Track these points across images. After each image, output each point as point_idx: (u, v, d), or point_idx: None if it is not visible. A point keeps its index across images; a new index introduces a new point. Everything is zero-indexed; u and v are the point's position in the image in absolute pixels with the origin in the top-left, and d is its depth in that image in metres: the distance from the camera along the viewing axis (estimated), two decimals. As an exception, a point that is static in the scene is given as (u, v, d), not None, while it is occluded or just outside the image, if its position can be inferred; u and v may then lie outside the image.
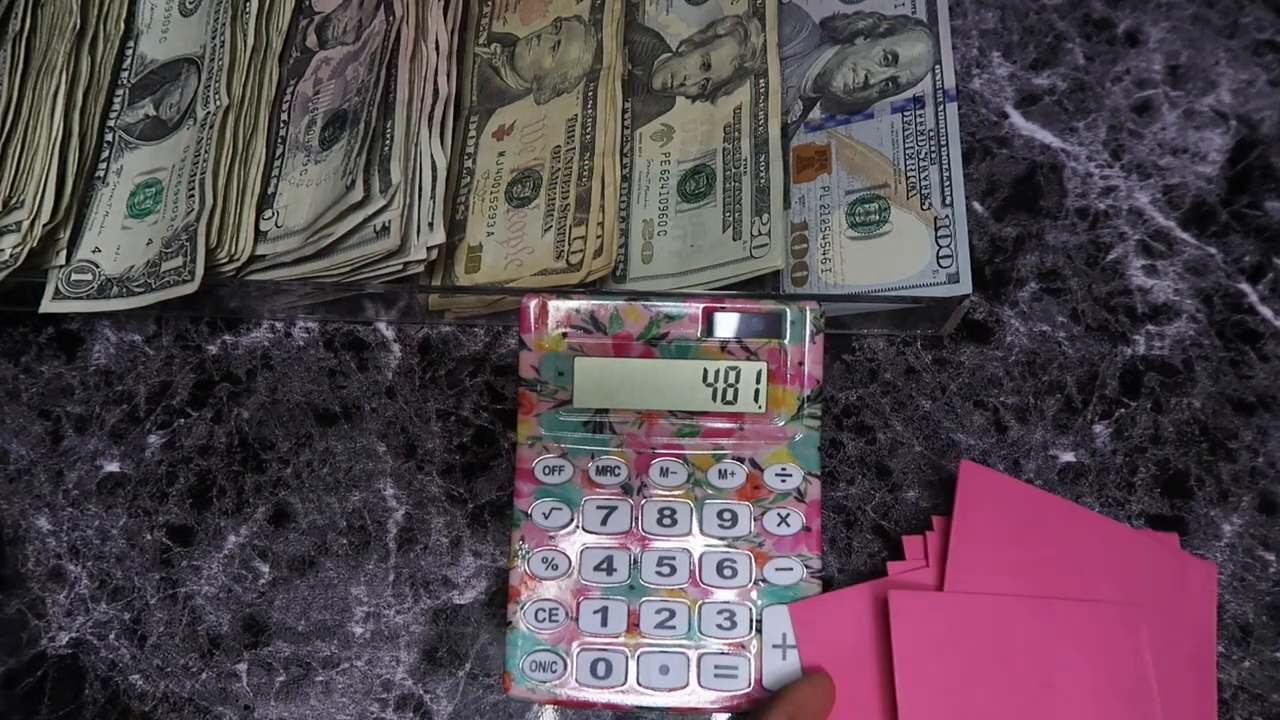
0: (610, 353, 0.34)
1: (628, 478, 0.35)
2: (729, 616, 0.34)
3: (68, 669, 0.41)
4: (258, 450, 0.43)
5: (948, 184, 0.41)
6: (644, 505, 0.35)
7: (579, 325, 0.34)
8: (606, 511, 0.35)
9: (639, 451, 0.35)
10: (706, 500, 0.35)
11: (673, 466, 0.35)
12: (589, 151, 0.43)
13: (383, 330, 0.45)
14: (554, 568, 0.35)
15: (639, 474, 0.35)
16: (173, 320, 0.46)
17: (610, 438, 0.35)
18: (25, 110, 0.45)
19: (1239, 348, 0.42)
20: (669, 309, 0.34)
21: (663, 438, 0.35)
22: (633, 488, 0.35)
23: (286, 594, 0.41)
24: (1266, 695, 0.37)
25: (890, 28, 0.45)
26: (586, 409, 0.35)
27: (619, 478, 0.35)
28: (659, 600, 0.34)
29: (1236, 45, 0.47)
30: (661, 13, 0.47)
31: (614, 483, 0.35)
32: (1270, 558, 0.39)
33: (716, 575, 0.35)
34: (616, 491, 0.35)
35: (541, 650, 0.34)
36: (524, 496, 0.35)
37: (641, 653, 0.34)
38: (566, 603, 0.35)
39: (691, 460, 0.35)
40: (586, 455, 0.35)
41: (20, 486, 0.44)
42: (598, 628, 0.34)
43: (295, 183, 0.44)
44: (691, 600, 0.34)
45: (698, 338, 0.34)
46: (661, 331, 0.34)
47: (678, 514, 0.35)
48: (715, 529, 0.35)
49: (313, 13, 0.48)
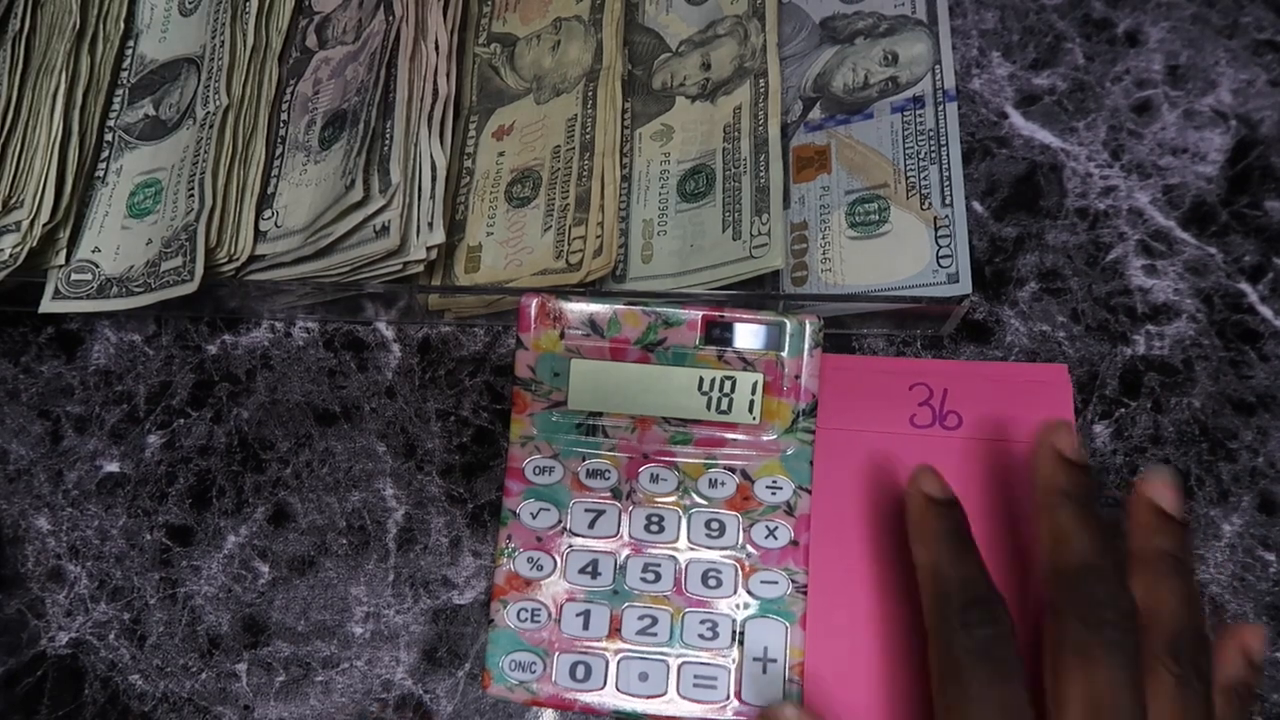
0: (607, 356, 0.34)
1: (617, 482, 0.35)
2: (711, 627, 0.34)
3: (67, 669, 0.41)
4: (257, 450, 0.43)
5: (948, 184, 0.41)
6: (632, 511, 0.35)
7: (577, 327, 0.34)
8: (594, 515, 0.35)
9: (630, 456, 0.35)
10: (695, 509, 0.35)
11: (663, 474, 0.35)
12: (589, 151, 0.43)
13: (382, 330, 0.45)
14: (539, 568, 0.35)
15: (629, 479, 0.35)
16: (172, 320, 0.46)
17: (602, 441, 0.35)
18: (25, 110, 0.45)
19: (1239, 348, 0.42)
20: (668, 314, 0.34)
21: (655, 444, 0.35)
22: (622, 492, 0.35)
23: (286, 594, 0.41)
24: (1266, 695, 0.37)
25: (890, 28, 0.45)
26: (580, 411, 0.35)
27: (609, 482, 0.35)
28: (642, 606, 0.34)
29: (1236, 45, 0.47)
30: (661, 13, 0.47)
31: (604, 486, 0.35)
32: (1270, 558, 0.39)
33: (701, 585, 0.34)
34: (606, 495, 0.35)
35: (522, 650, 0.34)
36: (513, 495, 0.35)
37: (622, 658, 0.34)
38: (549, 604, 0.34)
39: (682, 468, 0.35)
40: (578, 457, 0.35)
41: (20, 486, 0.44)
42: (579, 631, 0.34)
43: (295, 183, 0.44)
44: (675, 608, 0.34)
45: (695, 345, 0.33)
46: (659, 337, 0.34)
47: (665, 521, 0.35)
48: (702, 538, 0.34)
49: (312, 13, 0.48)
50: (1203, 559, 0.39)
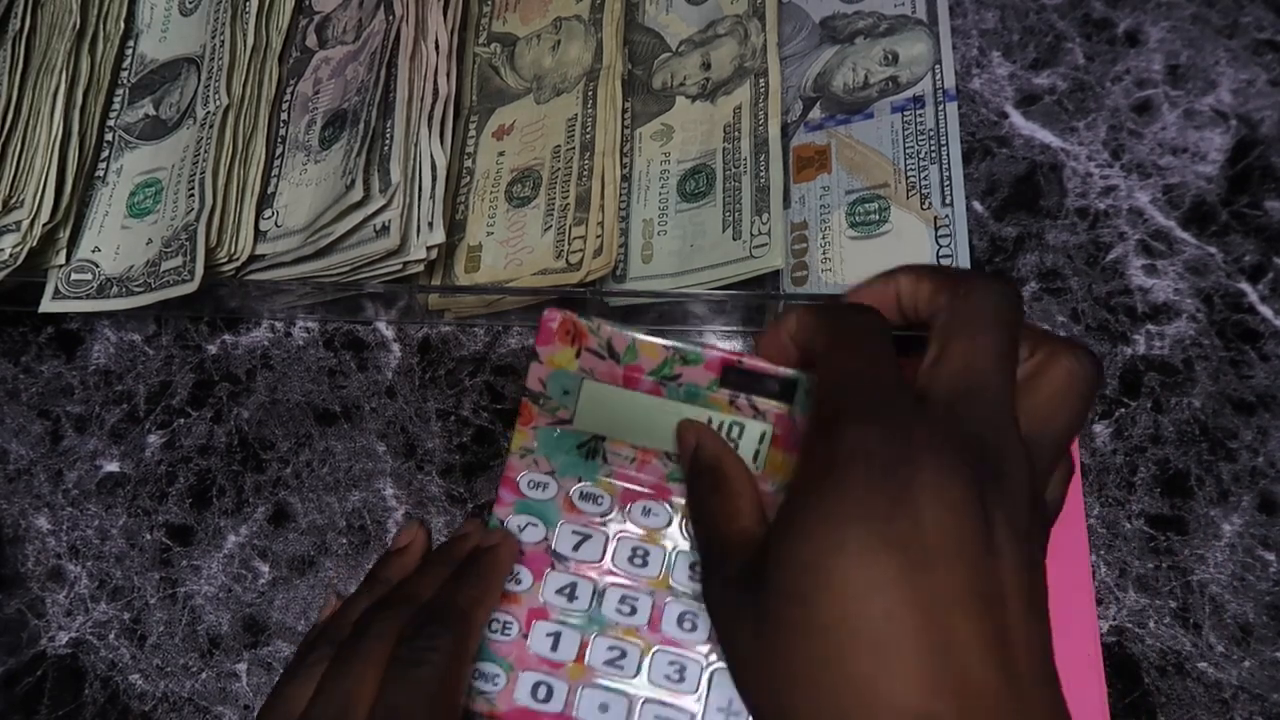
0: (619, 382, 0.33)
1: (609, 509, 0.34)
2: (680, 670, 0.33)
3: (67, 669, 0.41)
4: (257, 450, 0.43)
5: (948, 184, 0.41)
6: (619, 540, 0.34)
7: (594, 349, 0.33)
8: (581, 539, 0.34)
9: (626, 486, 0.34)
10: (681, 550, 0.34)
11: (656, 508, 0.34)
12: (589, 151, 0.43)
13: (382, 330, 0.45)
14: (517, 582, 0.34)
15: (621, 508, 0.34)
16: (172, 320, 0.46)
17: (601, 466, 0.34)
18: (25, 110, 0.45)
19: (1239, 347, 0.42)
20: (686, 352, 0.32)
21: (653, 477, 0.34)
22: (612, 520, 0.34)
23: (286, 594, 0.41)
24: (1266, 695, 0.37)
25: (890, 27, 0.45)
26: (584, 433, 0.34)
27: (600, 507, 0.34)
28: (613, 638, 0.33)
29: (1236, 45, 0.47)
30: (661, 12, 0.47)
31: (595, 512, 0.34)
32: (1270, 558, 0.39)
33: (676, 626, 0.33)
34: (595, 521, 0.34)
35: (487, 660, 0.33)
36: (504, 505, 0.35)
37: (585, 686, 0.33)
38: (521, 619, 0.34)
39: (676, 506, 0.34)
40: (574, 478, 0.34)
41: (20, 486, 0.44)
42: (547, 651, 0.33)
43: (295, 182, 0.44)
44: (645, 644, 0.33)
45: (708, 386, 0.32)
46: (674, 373, 0.32)
47: (651, 556, 0.34)
48: (684, 579, 0.33)
49: (313, 12, 0.48)
50: (1203, 559, 0.39)
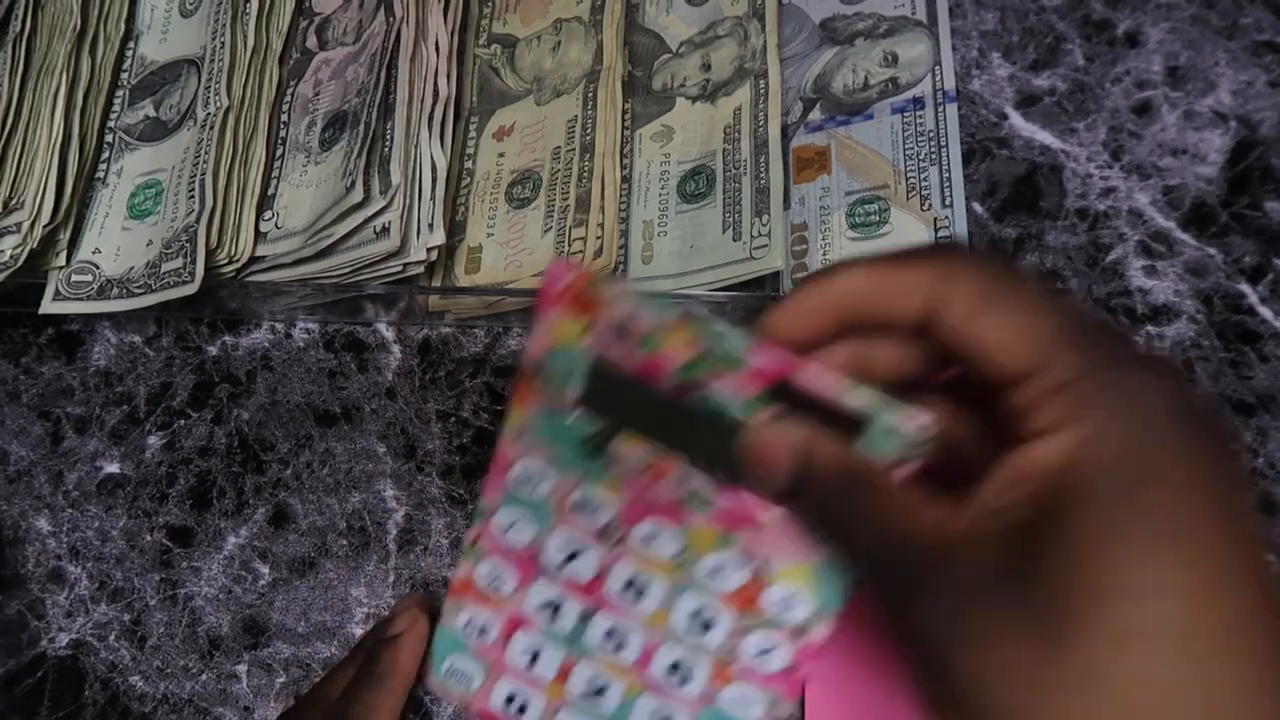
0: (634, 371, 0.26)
1: (609, 524, 0.28)
2: None
3: (68, 670, 0.41)
4: (258, 451, 0.43)
5: (947, 185, 0.41)
6: (616, 563, 0.29)
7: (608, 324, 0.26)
8: (572, 553, 0.29)
9: (634, 499, 0.28)
10: (687, 589, 0.28)
11: (664, 534, 0.28)
12: (589, 152, 0.43)
13: (383, 331, 0.45)
14: (499, 584, 0.30)
15: (624, 525, 0.28)
16: (173, 321, 0.46)
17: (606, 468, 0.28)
18: (25, 111, 0.45)
19: (1239, 348, 0.42)
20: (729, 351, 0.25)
21: (667, 494, 0.28)
22: (610, 538, 0.29)
23: (286, 595, 0.41)
24: (1267, 696, 0.37)
25: (890, 29, 0.45)
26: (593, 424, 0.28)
27: (599, 520, 0.29)
28: (597, 669, 0.29)
29: (1236, 46, 0.47)
30: (661, 14, 0.47)
31: (591, 524, 0.29)
32: (1270, 558, 0.39)
33: (666, 673, 0.29)
34: (591, 534, 0.29)
35: (465, 658, 0.30)
36: (493, 495, 0.30)
37: (560, 712, 0.30)
38: (500, 625, 0.30)
39: (690, 535, 0.28)
40: (573, 475, 0.28)
41: (20, 487, 0.44)
42: (523, 667, 0.30)
43: (295, 184, 0.44)
44: (630, 683, 0.29)
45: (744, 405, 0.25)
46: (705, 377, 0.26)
47: (649, 590, 0.29)
48: (683, 623, 0.28)
49: (313, 14, 0.48)
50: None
